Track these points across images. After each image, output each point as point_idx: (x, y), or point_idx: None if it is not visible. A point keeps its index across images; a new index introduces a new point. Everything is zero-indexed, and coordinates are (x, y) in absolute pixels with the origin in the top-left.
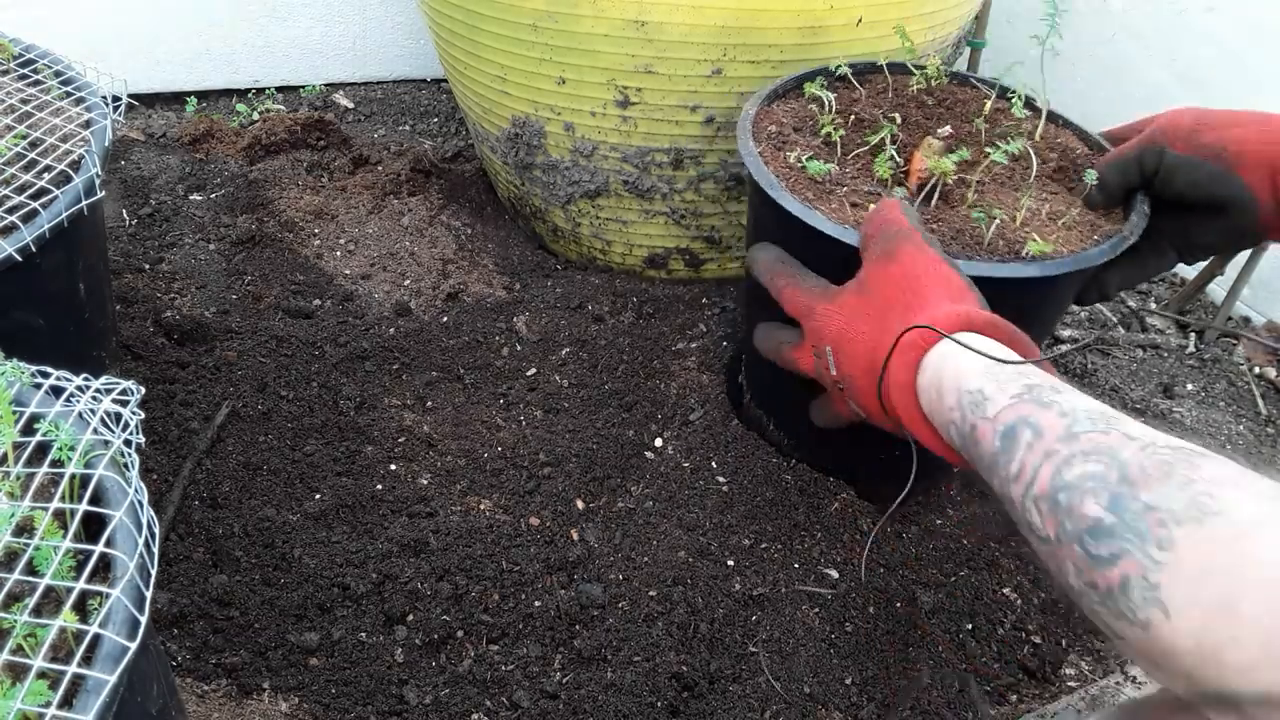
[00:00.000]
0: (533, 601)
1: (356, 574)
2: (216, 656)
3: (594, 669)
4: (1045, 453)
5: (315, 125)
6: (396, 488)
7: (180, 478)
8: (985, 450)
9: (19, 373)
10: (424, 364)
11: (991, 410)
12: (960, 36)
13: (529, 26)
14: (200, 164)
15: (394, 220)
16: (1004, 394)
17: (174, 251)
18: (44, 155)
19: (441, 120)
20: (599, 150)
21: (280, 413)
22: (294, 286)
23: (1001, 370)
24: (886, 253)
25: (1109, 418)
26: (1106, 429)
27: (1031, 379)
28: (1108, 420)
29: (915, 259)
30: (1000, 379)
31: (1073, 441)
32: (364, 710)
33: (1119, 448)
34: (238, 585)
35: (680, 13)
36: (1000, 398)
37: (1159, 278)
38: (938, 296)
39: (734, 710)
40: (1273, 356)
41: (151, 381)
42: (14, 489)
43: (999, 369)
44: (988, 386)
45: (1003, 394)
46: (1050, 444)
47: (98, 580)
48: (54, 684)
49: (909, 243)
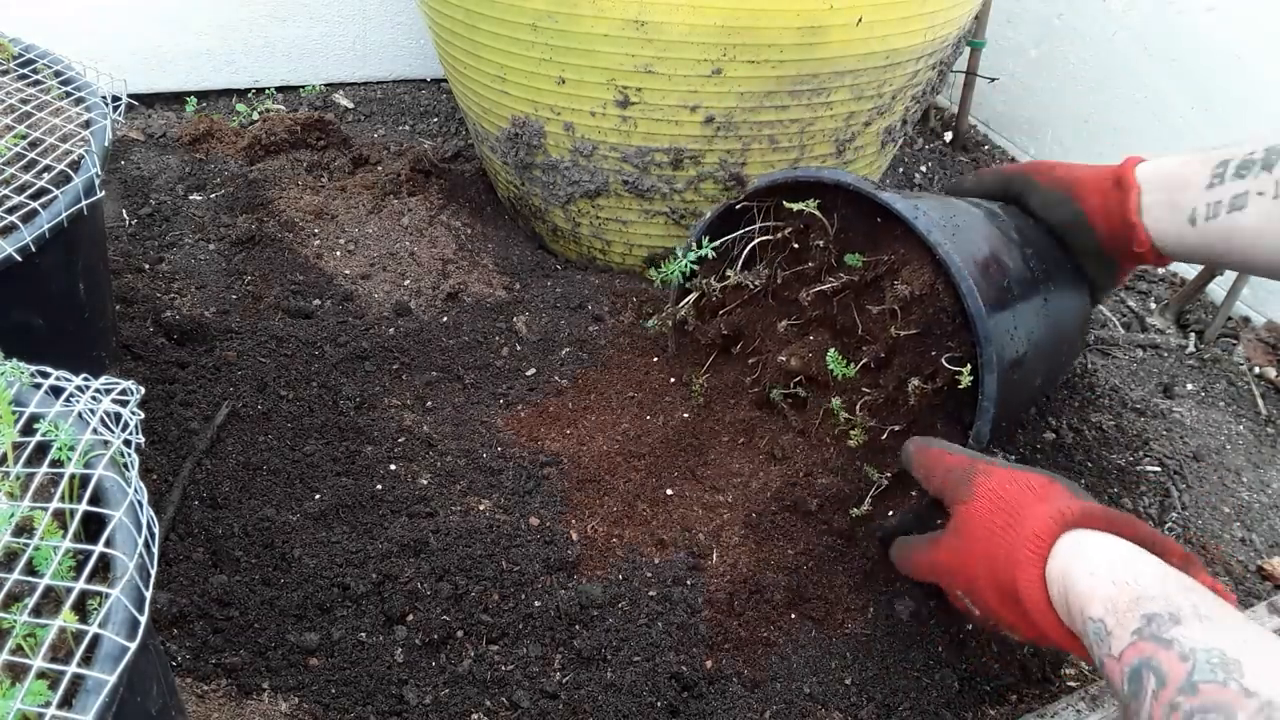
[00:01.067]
0: (533, 601)
1: (356, 574)
2: (216, 656)
3: (594, 669)
4: (1170, 705)
5: (315, 125)
6: (396, 488)
7: (180, 478)
8: (1115, 687)
9: (19, 373)
10: (424, 364)
11: (1115, 648)
12: (960, 36)
13: (529, 26)
14: (200, 164)
15: (394, 220)
16: (1123, 629)
17: (174, 251)
18: (44, 155)
19: (441, 120)
20: (599, 150)
21: (280, 413)
22: (294, 286)
23: (1121, 595)
24: (965, 494)
25: (1227, 665)
26: (1225, 681)
27: (1149, 605)
28: (1226, 669)
29: (993, 486)
30: (1118, 609)
31: (1193, 694)
32: (364, 710)
33: (1235, 708)
34: (238, 585)
35: (680, 12)
36: (1121, 633)
37: (1154, 276)
38: (1032, 508)
39: (734, 710)
40: (1273, 356)
41: (151, 381)
42: (14, 489)
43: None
44: (1108, 619)
45: (1122, 629)
46: (1173, 695)
47: (97, 580)
48: (54, 684)
49: (980, 475)
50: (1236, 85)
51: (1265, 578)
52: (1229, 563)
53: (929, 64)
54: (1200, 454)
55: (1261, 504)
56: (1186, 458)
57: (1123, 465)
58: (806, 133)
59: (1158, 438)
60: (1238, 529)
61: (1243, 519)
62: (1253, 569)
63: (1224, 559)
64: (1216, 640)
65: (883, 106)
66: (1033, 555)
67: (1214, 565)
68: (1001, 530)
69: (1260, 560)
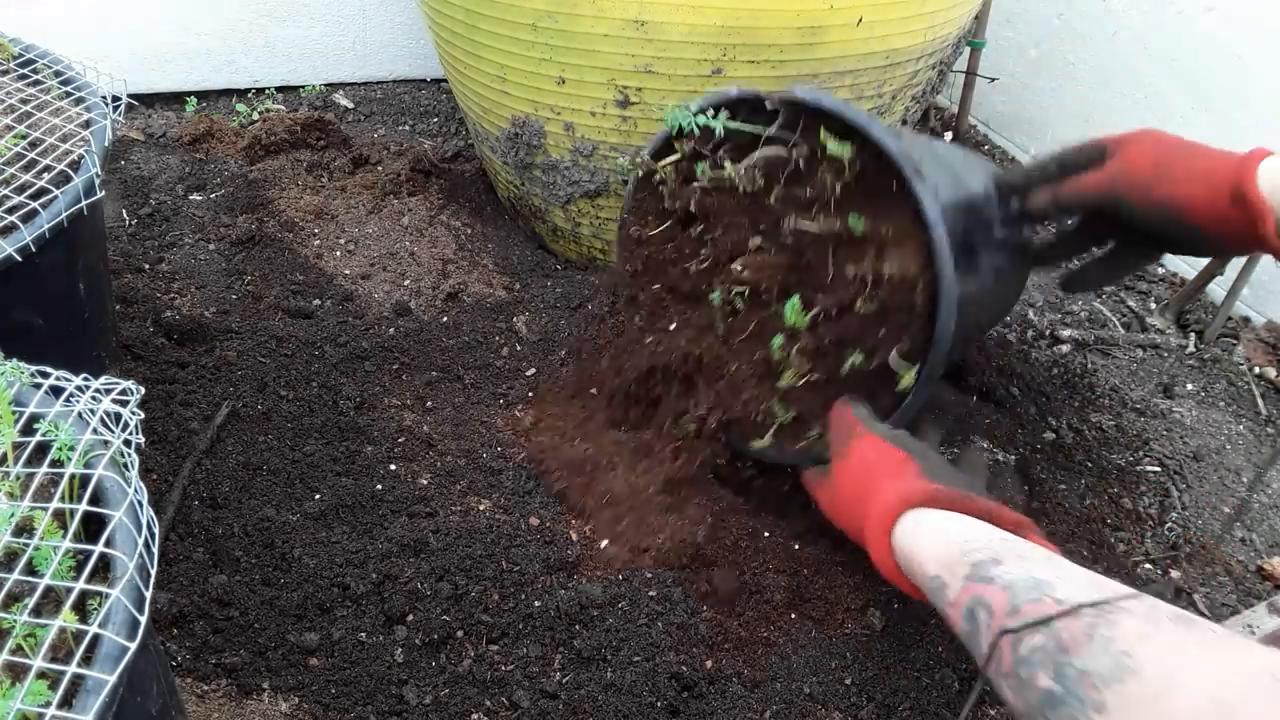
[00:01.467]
0: (533, 601)
1: (356, 574)
2: (216, 656)
3: (594, 669)
4: (1000, 630)
5: (315, 125)
6: (396, 488)
7: (180, 478)
8: (959, 632)
9: (19, 373)
10: (424, 364)
11: (951, 595)
12: (960, 36)
13: (529, 26)
14: (200, 164)
15: (394, 220)
16: (955, 577)
17: (174, 251)
18: (44, 155)
19: (441, 120)
20: (599, 150)
21: (280, 413)
22: (294, 286)
23: (949, 553)
24: (841, 451)
25: (1040, 585)
26: (1039, 597)
27: (974, 554)
28: (1040, 588)
29: (863, 452)
30: (950, 564)
31: (1015, 615)
32: (364, 710)
33: (1049, 614)
34: (238, 585)
35: (680, 13)
36: (954, 582)
37: (1153, 276)
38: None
39: (734, 710)
40: (1273, 356)
41: (151, 381)
42: (14, 489)
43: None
44: (943, 573)
45: (955, 578)
46: (1001, 619)
47: (97, 580)
48: (54, 684)
49: (856, 438)
50: (1236, 85)
51: (1265, 578)
52: (1229, 563)
53: (929, 64)
54: (1200, 454)
55: (1261, 504)
56: (1186, 458)
57: (1123, 465)
58: None
59: (1158, 438)
60: (1238, 529)
61: (1243, 519)
62: (1253, 569)
63: (1224, 559)
64: (1031, 570)
65: (883, 106)
66: (878, 530)
67: (1214, 565)
68: (858, 498)
69: (1260, 560)
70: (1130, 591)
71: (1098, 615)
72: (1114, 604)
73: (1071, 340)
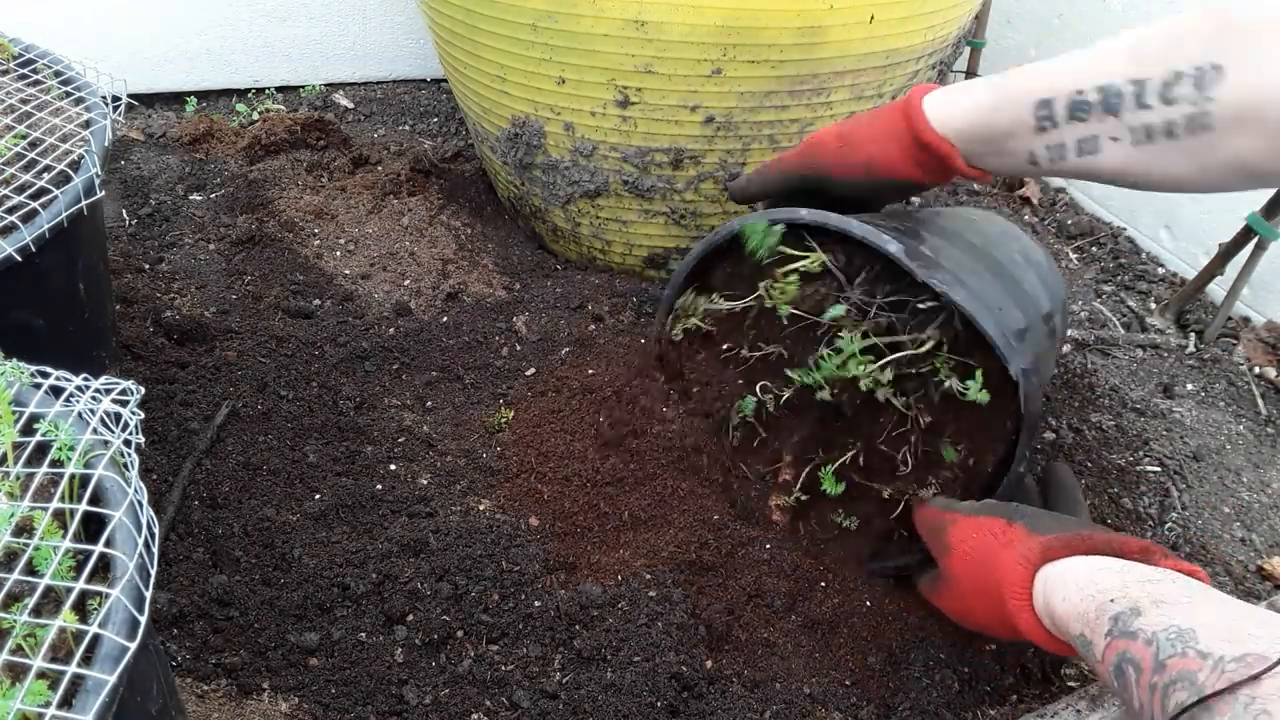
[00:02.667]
0: (532, 601)
1: (356, 574)
2: (216, 656)
3: (594, 669)
4: (1150, 687)
5: (315, 125)
6: (396, 488)
7: (180, 478)
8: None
9: (19, 373)
10: (424, 364)
11: (1098, 653)
12: (960, 36)
13: (529, 26)
14: (200, 164)
15: (394, 220)
16: (1099, 635)
17: (174, 251)
18: (44, 155)
19: (441, 120)
20: (599, 150)
21: (280, 413)
22: (294, 286)
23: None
24: (943, 547)
25: (1183, 636)
26: (1184, 650)
27: (1112, 607)
28: (1183, 640)
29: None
30: (1089, 621)
31: (1163, 671)
32: (364, 710)
33: (1196, 671)
34: (238, 585)
35: (680, 13)
36: (1098, 640)
37: (1154, 276)
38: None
39: (734, 710)
40: (1274, 356)
41: (151, 381)
42: (14, 489)
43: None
44: (1086, 631)
45: (1098, 636)
46: (1149, 677)
47: (97, 580)
48: (53, 684)
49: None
50: None
51: (1265, 578)
52: (1229, 563)
53: (929, 64)
54: (1200, 454)
55: (1261, 504)
56: (1186, 458)
57: (1123, 465)
58: (807, 133)
59: (1158, 438)
60: (1238, 529)
61: (1243, 519)
62: (1253, 569)
63: (1224, 559)
64: (1172, 619)
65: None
66: (1019, 604)
67: (1214, 565)
68: (982, 587)
69: (1260, 560)
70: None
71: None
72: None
73: (1071, 340)
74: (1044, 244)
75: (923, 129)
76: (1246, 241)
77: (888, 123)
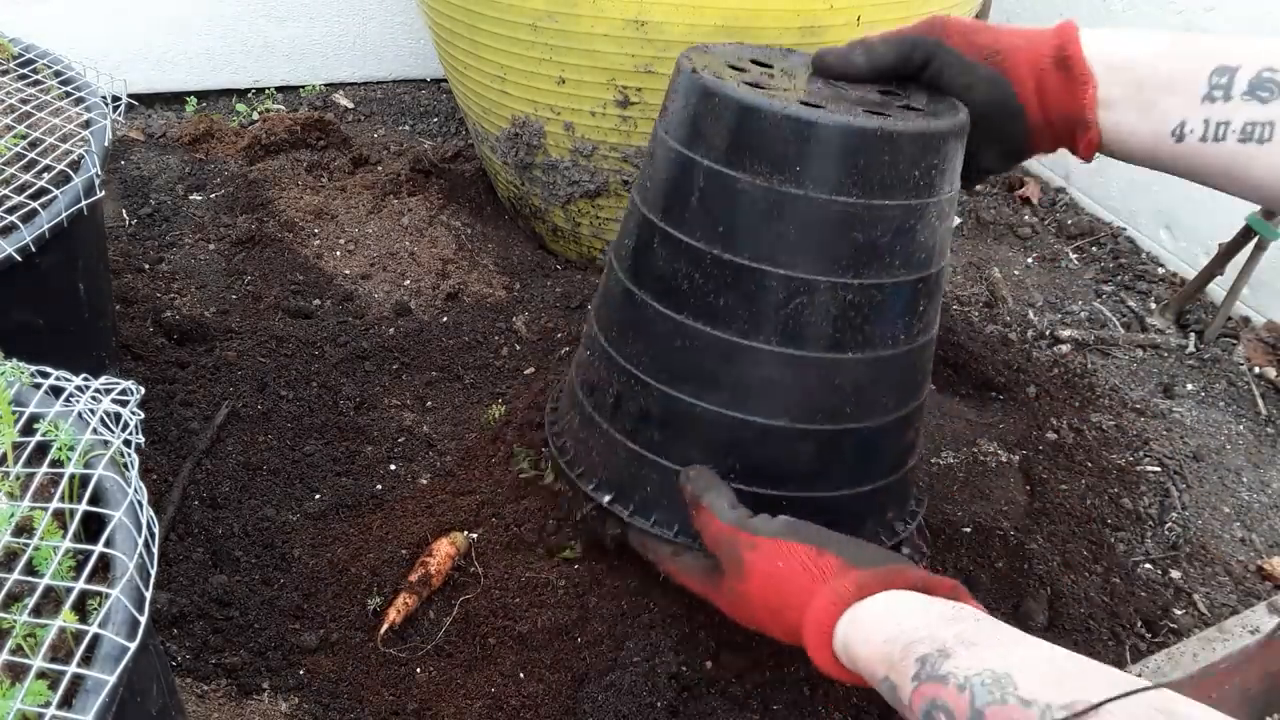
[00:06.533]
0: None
1: (356, 574)
2: (216, 656)
3: (594, 669)
4: None
5: (315, 125)
6: (396, 488)
7: (180, 478)
8: None
9: (19, 373)
10: (424, 364)
11: (905, 697)
12: None
13: (529, 26)
14: (200, 164)
15: (394, 220)
16: (904, 678)
17: (174, 251)
18: (44, 155)
19: (441, 120)
20: (599, 150)
21: (280, 413)
22: (294, 286)
23: (894, 650)
24: (739, 573)
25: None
26: (1003, 698)
27: (918, 648)
28: (1001, 686)
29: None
30: (894, 663)
31: None
32: (363, 710)
33: None
34: (238, 585)
35: (680, 12)
36: (904, 683)
37: (1153, 276)
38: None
39: (734, 710)
40: (1274, 356)
41: (151, 381)
42: (14, 489)
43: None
44: (891, 675)
45: (904, 678)
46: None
47: (97, 580)
48: (53, 684)
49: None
50: None
51: (1265, 578)
52: (1229, 563)
53: None
54: (1200, 454)
55: (1261, 504)
56: (1186, 458)
57: (1123, 465)
58: None
59: (1158, 438)
60: (1238, 529)
61: (1243, 519)
62: (1253, 569)
63: (1224, 559)
64: (984, 662)
65: None
66: (818, 643)
67: (1214, 565)
68: (778, 610)
69: (1260, 560)
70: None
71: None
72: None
73: (1071, 340)
74: (1044, 244)
75: (1069, 42)
76: (1246, 241)
77: (1030, 31)
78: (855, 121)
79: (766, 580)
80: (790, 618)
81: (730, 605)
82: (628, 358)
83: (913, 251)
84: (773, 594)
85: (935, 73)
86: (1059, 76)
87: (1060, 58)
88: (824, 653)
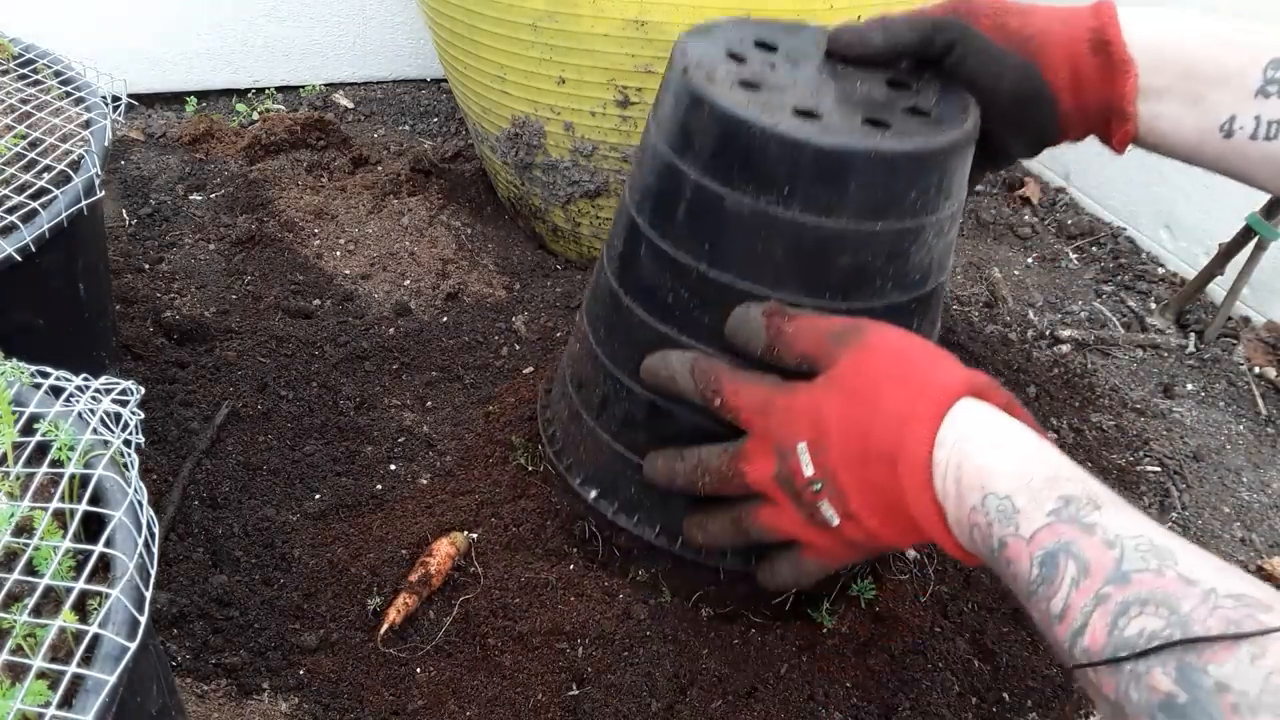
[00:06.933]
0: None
1: (356, 574)
2: (216, 656)
3: (592, 669)
4: (1096, 596)
5: (315, 125)
6: (396, 488)
7: (180, 478)
8: (1019, 572)
9: (19, 373)
10: (424, 364)
11: (1025, 528)
12: None
13: (529, 26)
14: (200, 164)
15: (394, 220)
16: (1038, 507)
17: (174, 251)
18: (44, 155)
19: (441, 120)
20: (599, 150)
21: (280, 413)
22: (294, 286)
23: (1034, 472)
24: (853, 343)
25: (1159, 552)
26: (1160, 569)
27: (1066, 486)
28: (1159, 556)
29: (889, 337)
30: (1033, 485)
31: (1125, 585)
32: (363, 710)
33: (1178, 598)
34: (238, 585)
35: (680, 13)
36: (1034, 512)
37: (1153, 276)
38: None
39: (733, 711)
40: (1274, 356)
41: (151, 381)
42: (14, 489)
43: (1030, 470)
44: (1018, 496)
45: (1036, 507)
46: (1099, 585)
47: (97, 580)
48: (53, 684)
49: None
50: None
51: (1265, 578)
52: (1229, 562)
53: None
54: (1200, 454)
55: (1261, 504)
56: (1186, 458)
57: (1123, 465)
58: None
59: (1158, 438)
60: (1238, 529)
61: (1243, 519)
62: (1253, 569)
63: (1224, 559)
64: (1141, 528)
65: None
66: (932, 410)
67: None
68: (895, 382)
69: (1260, 560)
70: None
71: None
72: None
73: (1071, 340)
74: (1044, 244)
75: (1108, 24)
76: (1246, 241)
77: (1066, 11)
78: (846, 143)
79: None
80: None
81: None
82: (613, 360)
83: (907, 273)
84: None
85: (959, 59)
86: (1096, 62)
87: (1098, 41)
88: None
